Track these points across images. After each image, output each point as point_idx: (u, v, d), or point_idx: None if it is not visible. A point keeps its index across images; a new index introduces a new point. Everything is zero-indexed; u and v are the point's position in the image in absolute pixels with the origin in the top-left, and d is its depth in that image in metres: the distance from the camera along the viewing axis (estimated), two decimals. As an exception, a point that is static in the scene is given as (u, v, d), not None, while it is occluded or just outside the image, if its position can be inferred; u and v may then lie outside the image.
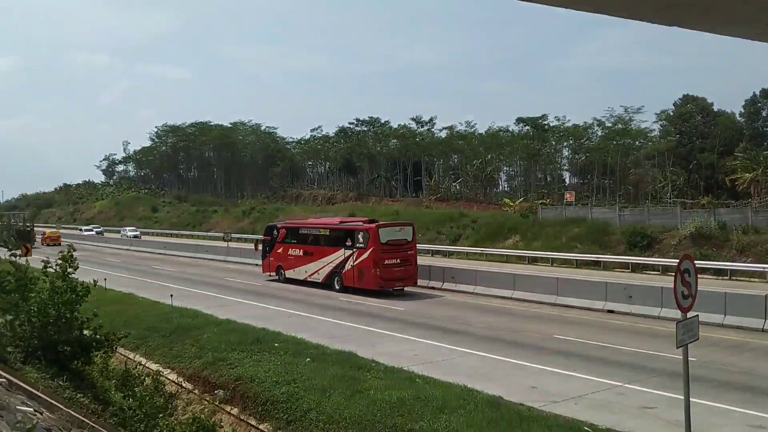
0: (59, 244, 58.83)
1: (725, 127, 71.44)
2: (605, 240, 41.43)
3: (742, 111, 72.67)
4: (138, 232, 78.83)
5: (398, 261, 28.88)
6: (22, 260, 13.86)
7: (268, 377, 14.65)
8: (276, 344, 17.59)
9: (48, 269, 12.09)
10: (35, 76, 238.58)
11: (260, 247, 38.38)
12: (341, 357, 16.19)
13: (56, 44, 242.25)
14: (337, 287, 30.44)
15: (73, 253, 12.45)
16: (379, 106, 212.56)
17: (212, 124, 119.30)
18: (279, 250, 35.16)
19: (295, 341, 18.11)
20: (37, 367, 10.57)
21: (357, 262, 29.36)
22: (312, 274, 32.24)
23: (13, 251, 14.67)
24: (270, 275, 35.62)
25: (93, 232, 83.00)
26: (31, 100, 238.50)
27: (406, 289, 29.31)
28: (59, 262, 12.05)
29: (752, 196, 53.81)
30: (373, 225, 29.91)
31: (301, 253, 33.49)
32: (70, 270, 12.02)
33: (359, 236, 29.56)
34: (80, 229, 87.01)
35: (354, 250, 29.57)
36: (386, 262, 28.63)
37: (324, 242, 32.22)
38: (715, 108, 74.29)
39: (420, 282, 30.45)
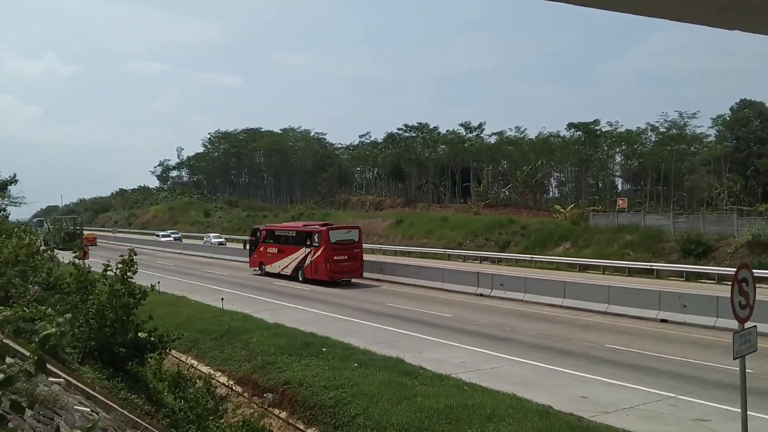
0: (95, 245, 64.52)
1: (785, 131, 69.03)
2: (658, 248, 40.48)
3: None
4: (223, 239, 73.66)
5: (346, 257, 35.01)
6: (81, 263, 14.27)
7: (316, 382, 14.75)
8: (324, 349, 17.71)
9: (108, 272, 12.41)
10: (94, 84, 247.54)
11: (248, 246, 44.91)
12: (388, 363, 16.20)
13: (114, 53, 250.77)
14: (300, 279, 36.39)
15: (134, 257, 12.71)
16: (427, 111, 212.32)
17: (263, 130, 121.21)
18: (260, 249, 41.70)
19: (343, 346, 18.20)
20: (94, 367, 10.85)
21: (314, 258, 35.49)
22: (283, 268, 38.39)
23: (75, 254, 15.13)
24: (255, 270, 41.72)
25: (171, 238, 78.50)
26: (90, 107, 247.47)
27: (452, 296, 29.36)
28: (119, 265, 12.35)
29: (814, 202, 51.89)
30: (325, 228, 36.36)
31: (276, 251, 39.90)
32: (129, 274, 12.31)
33: (315, 237, 35.96)
34: (157, 235, 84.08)
35: (311, 248, 35.90)
36: (335, 258, 34.73)
37: (291, 242, 38.62)
38: (774, 112, 71.81)
39: (468, 288, 30.71)
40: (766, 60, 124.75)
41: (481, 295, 30.00)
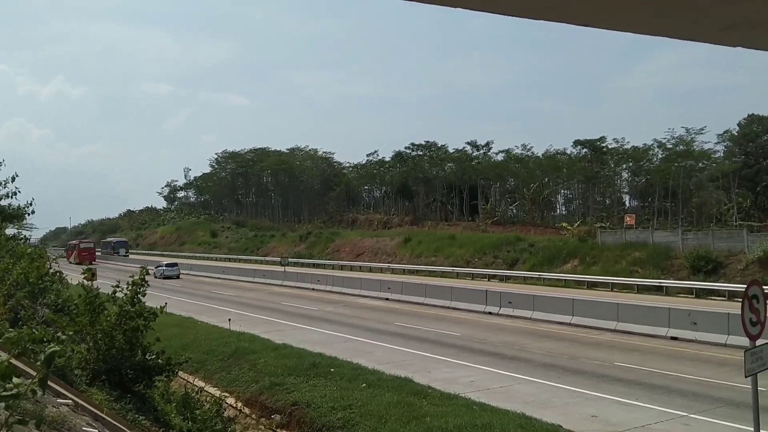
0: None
1: (793, 147, 68.79)
2: (667, 264, 40.28)
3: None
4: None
5: None
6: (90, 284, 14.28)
7: (324, 402, 14.66)
8: (332, 369, 17.63)
9: (117, 293, 12.41)
10: (103, 105, 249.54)
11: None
12: (397, 383, 16.11)
13: (123, 75, 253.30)
14: None
15: (146, 276, 12.66)
16: (435, 130, 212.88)
17: (270, 149, 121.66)
18: None
19: (351, 366, 18.11)
20: (102, 389, 10.83)
21: None
22: None
23: (84, 275, 15.14)
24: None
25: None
26: (99, 128, 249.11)
27: (460, 315, 29.38)
28: (129, 286, 12.33)
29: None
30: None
31: None
32: (139, 296, 12.28)
33: None
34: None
35: None
36: None
37: None
38: (782, 127, 71.59)
39: (477, 307, 30.65)
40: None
41: (490, 313, 29.87)
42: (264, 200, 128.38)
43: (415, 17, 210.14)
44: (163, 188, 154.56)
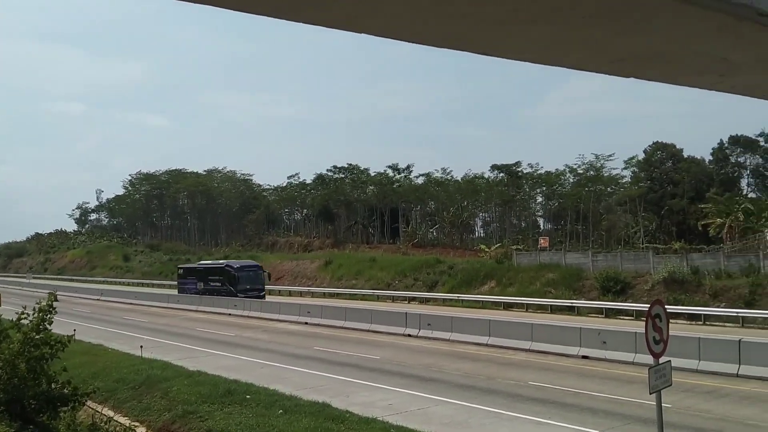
0: None
1: (695, 173, 72.93)
2: (579, 285, 41.64)
3: (711, 157, 74.44)
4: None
5: None
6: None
7: (239, 430, 14.27)
8: (248, 396, 17.21)
9: (22, 320, 11.78)
10: (11, 125, 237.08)
11: None
12: (315, 408, 15.86)
13: (34, 94, 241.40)
14: None
15: (53, 302, 12.06)
16: (358, 154, 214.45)
17: (187, 171, 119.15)
18: None
19: (268, 393, 17.73)
20: (1, 420, 10.23)
21: None
22: None
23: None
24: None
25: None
26: (6, 149, 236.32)
27: (380, 338, 29.27)
28: (35, 313, 11.73)
29: (724, 241, 54.63)
30: None
31: None
32: (45, 324, 11.69)
33: None
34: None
35: None
36: None
37: None
38: (685, 154, 75.97)
39: (396, 329, 30.65)
40: (674, 104, 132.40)
41: (409, 335, 29.99)
42: (180, 223, 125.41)
43: (341, 43, 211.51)
44: (74, 210, 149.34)
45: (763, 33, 2.78)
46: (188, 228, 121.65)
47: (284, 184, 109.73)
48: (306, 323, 36.24)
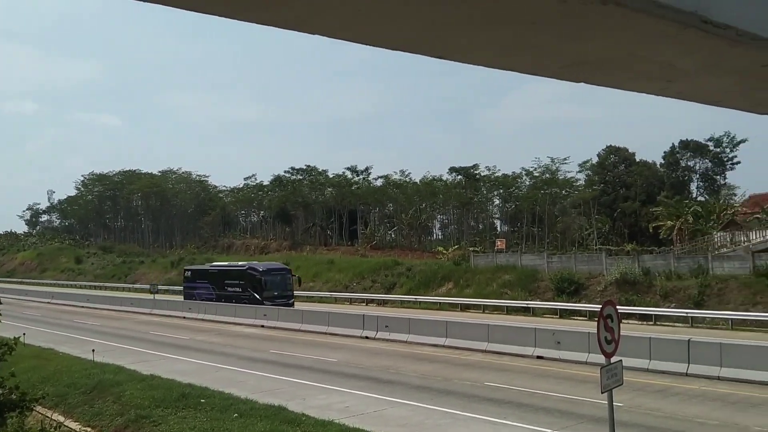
0: None
1: (646, 176, 74.63)
2: (534, 286, 42.21)
3: (662, 161, 76.29)
4: None
5: None
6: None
7: (193, 435, 14.09)
8: (203, 400, 16.97)
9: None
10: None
11: None
12: (270, 412, 15.73)
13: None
14: None
15: None
16: (317, 156, 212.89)
17: (141, 172, 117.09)
18: None
19: (223, 396, 17.52)
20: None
21: None
22: None
23: None
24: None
25: None
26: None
27: (338, 340, 29.32)
28: None
29: (674, 242, 56.06)
30: None
31: None
32: None
33: None
34: None
35: None
36: None
37: None
38: (637, 158, 77.64)
39: (354, 332, 30.62)
40: (627, 108, 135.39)
41: (367, 337, 29.97)
42: (133, 224, 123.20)
43: (300, 44, 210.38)
44: (24, 212, 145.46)
45: (707, 40, 2.84)
46: (142, 230, 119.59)
47: (241, 186, 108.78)
48: (262, 326, 35.92)
